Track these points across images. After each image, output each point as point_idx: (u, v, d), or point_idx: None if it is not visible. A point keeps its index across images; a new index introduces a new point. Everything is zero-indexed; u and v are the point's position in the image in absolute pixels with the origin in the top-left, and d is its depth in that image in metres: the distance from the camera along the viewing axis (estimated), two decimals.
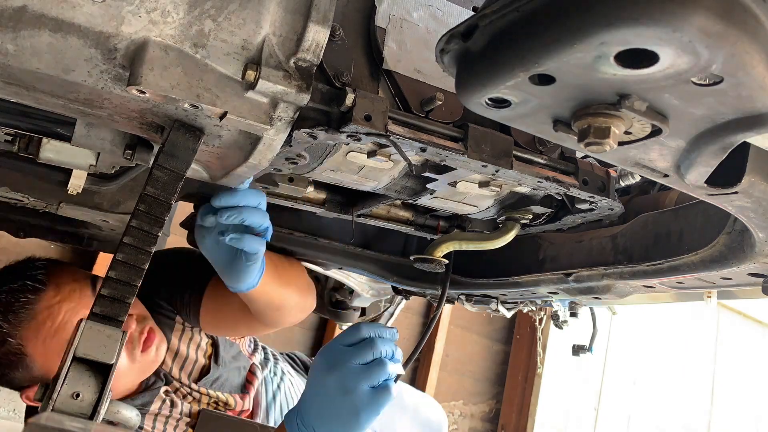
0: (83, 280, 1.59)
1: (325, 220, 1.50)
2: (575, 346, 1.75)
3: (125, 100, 0.82)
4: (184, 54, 0.76)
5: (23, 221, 1.73)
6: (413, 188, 1.15)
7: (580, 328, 1.71)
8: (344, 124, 0.85)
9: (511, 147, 0.96)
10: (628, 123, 0.57)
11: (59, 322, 1.48)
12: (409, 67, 0.96)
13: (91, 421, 0.76)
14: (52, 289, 1.51)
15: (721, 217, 0.94)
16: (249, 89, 0.78)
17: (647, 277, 1.13)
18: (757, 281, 0.99)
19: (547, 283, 1.34)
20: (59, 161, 1.13)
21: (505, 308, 1.65)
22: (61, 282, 1.54)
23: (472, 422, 4.51)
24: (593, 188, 1.03)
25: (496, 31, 0.58)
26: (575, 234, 1.30)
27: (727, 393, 5.51)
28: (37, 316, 1.48)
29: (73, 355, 0.77)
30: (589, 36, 0.48)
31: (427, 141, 0.89)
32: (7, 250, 2.94)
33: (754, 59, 0.48)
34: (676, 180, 0.68)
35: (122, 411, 0.86)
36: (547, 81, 0.55)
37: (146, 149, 1.01)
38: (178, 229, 1.74)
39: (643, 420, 5.02)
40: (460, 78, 0.63)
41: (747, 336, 5.75)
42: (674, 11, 0.45)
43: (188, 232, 1.61)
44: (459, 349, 4.45)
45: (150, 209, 0.85)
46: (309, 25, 0.79)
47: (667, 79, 0.50)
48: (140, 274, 0.83)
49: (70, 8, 0.72)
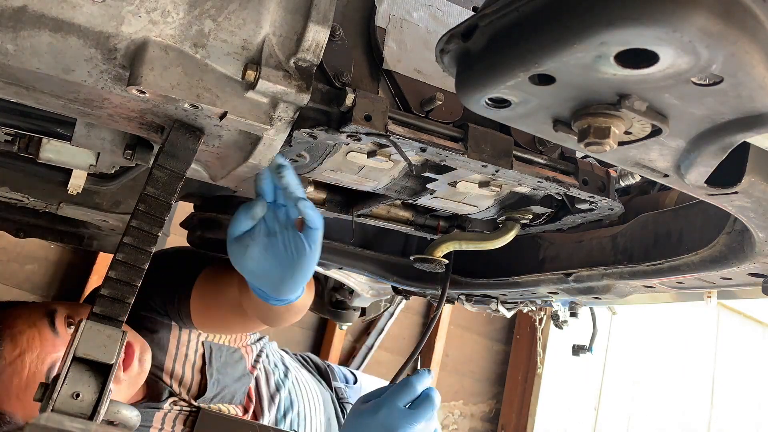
0: (39, 319, 1.47)
1: (325, 220, 1.50)
2: (575, 346, 1.75)
3: (125, 100, 0.82)
4: (184, 54, 0.76)
5: (23, 221, 1.73)
6: (413, 188, 1.15)
7: (580, 328, 1.71)
8: (344, 124, 0.85)
9: (511, 147, 0.96)
10: (628, 123, 0.57)
11: (27, 375, 1.40)
12: (409, 67, 0.96)
13: (91, 421, 0.76)
14: (9, 344, 1.42)
15: (721, 217, 0.94)
16: (249, 89, 0.78)
17: (647, 277, 1.13)
18: (757, 281, 0.99)
19: (547, 283, 1.34)
20: (59, 161, 1.13)
21: (505, 308, 1.65)
22: (15, 332, 1.43)
23: (472, 422, 4.51)
24: (593, 188, 1.03)
25: (496, 31, 0.58)
26: (575, 234, 1.30)
27: (727, 393, 5.51)
28: (1, 376, 1.39)
29: (73, 355, 0.77)
30: (589, 36, 0.48)
31: (427, 141, 0.89)
32: (7, 250, 2.94)
33: (754, 59, 0.48)
34: (676, 180, 0.68)
35: (122, 411, 0.86)
36: (547, 81, 0.55)
37: (146, 149, 1.01)
38: (178, 229, 1.74)
39: (643, 420, 5.02)
40: (460, 78, 0.63)
41: (747, 336, 5.75)
42: (674, 11, 0.45)
43: (188, 232, 1.61)
44: (459, 349, 4.45)
45: (150, 209, 0.85)
46: (309, 25, 0.79)
47: (667, 79, 0.50)
48: (140, 274, 0.83)
49: (70, 8, 0.72)
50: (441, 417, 4.29)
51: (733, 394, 5.55)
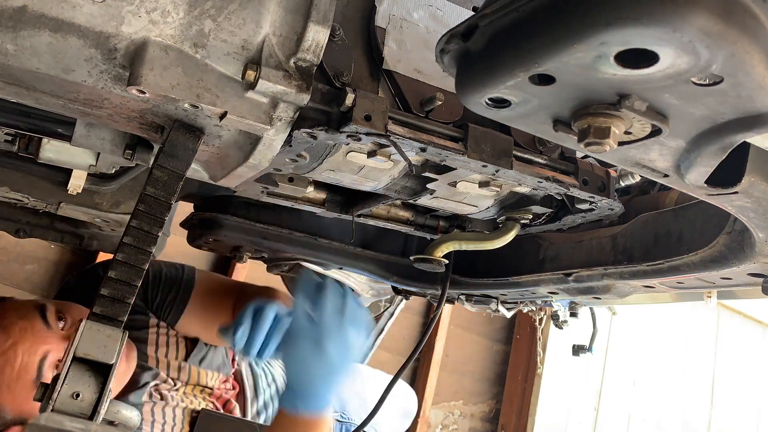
0: (30, 312, 1.50)
1: (325, 220, 1.50)
2: (575, 346, 1.75)
3: (125, 100, 0.82)
4: (184, 54, 0.76)
5: (23, 221, 1.73)
6: (413, 188, 1.15)
7: (580, 328, 1.71)
8: (344, 124, 0.85)
9: (511, 147, 0.95)
10: (628, 123, 0.57)
11: (19, 365, 1.41)
12: (409, 67, 0.96)
13: (91, 421, 0.76)
14: (1, 335, 1.43)
15: (721, 217, 0.94)
16: (249, 89, 0.78)
17: (647, 277, 1.13)
18: (757, 281, 0.99)
19: (547, 283, 1.34)
20: (59, 161, 1.13)
21: (505, 308, 1.65)
22: (7, 323, 1.45)
23: (472, 422, 4.51)
24: (593, 188, 1.03)
25: (496, 31, 0.58)
26: (575, 234, 1.30)
27: (727, 393, 5.51)
28: None
29: (73, 355, 0.77)
30: (589, 36, 0.48)
31: (427, 141, 0.89)
32: (7, 250, 2.94)
33: (754, 59, 0.47)
34: (676, 180, 0.68)
35: (122, 411, 0.86)
36: (547, 81, 0.55)
37: (146, 149, 1.01)
38: (178, 229, 1.74)
39: (643, 420, 5.02)
40: (460, 78, 0.63)
41: (747, 336, 5.75)
42: (674, 11, 0.45)
43: (188, 232, 1.61)
44: (459, 349, 4.44)
45: (150, 209, 0.85)
46: (309, 25, 0.79)
47: (667, 79, 0.50)
48: (140, 274, 0.83)
49: (70, 8, 0.72)
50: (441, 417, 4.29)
51: (733, 394, 5.54)
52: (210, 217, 1.50)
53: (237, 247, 1.62)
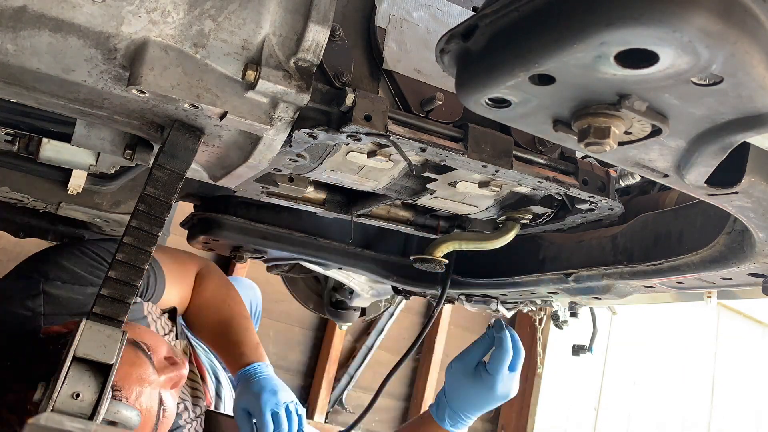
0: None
1: (325, 220, 1.50)
2: (575, 346, 1.75)
3: (125, 100, 0.82)
4: (184, 54, 0.76)
5: (23, 221, 1.73)
6: (413, 188, 1.15)
7: (580, 328, 1.71)
8: (344, 124, 0.85)
9: (511, 147, 0.95)
10: (628, 123, 0.57)
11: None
12: (409, 67, 0.96)
13: (91, 421, 0.76)
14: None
15: (721, 217, 0.94)
16: (249, 89, 0.78)
17: (647, 277, 1.13)
18: (757, 281, 0.99)
19: (547, 283, 1.34)
20: (59, 161, 1.13)
21: (505, 308, 1.65)
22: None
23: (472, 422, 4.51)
24: (593, 188, 1.03)
25: (496, 31, 0.58)
26: (575, 234, 1.30)
27: (727, 393, 5.51)
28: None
29: (73, 355, 0.77)
30: (589, 36, 0.48)
31: (427, 141, 0.89)
32: (7, 250, 2.94)
33: (754, 59, 0.47)
34: (676, 180, 0.68)
35: (122, 411, 0.86)
36: (547, 81, 0.55)
37: (146, 149, 1.01)
38: (178, 229, 1.74)
39: (643, 420, 5.02)
40: (460, 78, 0.63)
41: (747, 336, 5.75)
42: (674, 11, 0.45)
43: (188, 232, 1.61)
44: (459, 349, 4.42)
45: (150, 209, 0.85)
46: (309, 25, 0.79)
47: (667, 79, 0.50)
48: (140, 274, 0.83)
49: (70, 8, 0.72)
50: None
51: (733, 394, 5.54)
52: (210, 217, 1.50)
53: (237, 247, 1.62)
